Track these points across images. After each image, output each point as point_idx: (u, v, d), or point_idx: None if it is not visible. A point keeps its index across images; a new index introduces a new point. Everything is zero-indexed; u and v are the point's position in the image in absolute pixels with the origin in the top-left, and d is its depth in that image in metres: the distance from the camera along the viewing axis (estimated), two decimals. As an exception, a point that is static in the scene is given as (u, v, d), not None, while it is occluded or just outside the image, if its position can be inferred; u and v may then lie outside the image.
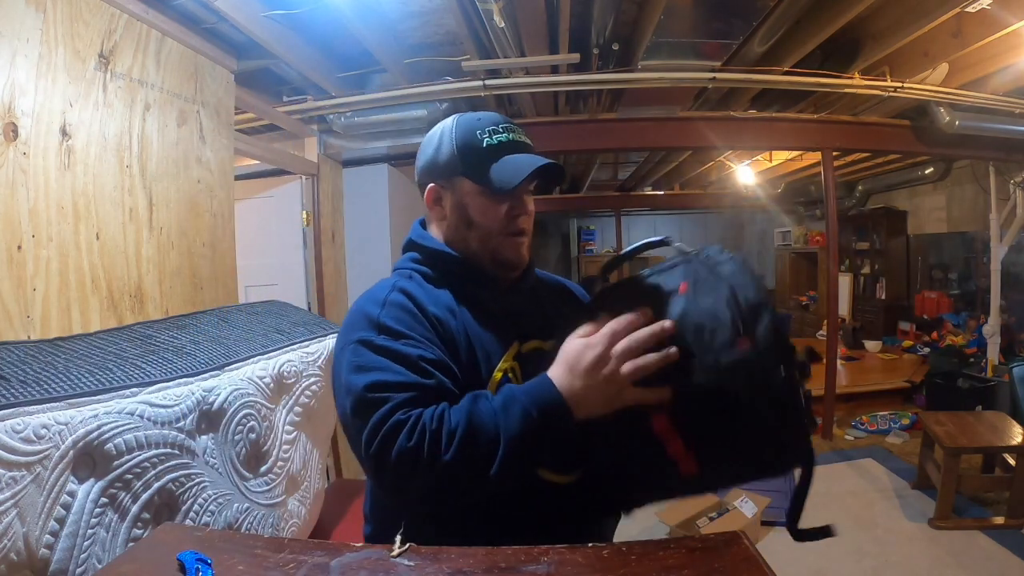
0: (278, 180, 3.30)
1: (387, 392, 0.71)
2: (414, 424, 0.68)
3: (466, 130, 0.87)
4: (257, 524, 1.22)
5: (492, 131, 0.86)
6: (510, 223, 0.87)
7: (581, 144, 3.87)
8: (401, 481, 0.68)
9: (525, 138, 0.89)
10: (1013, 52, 2.74)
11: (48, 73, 1.39)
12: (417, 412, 0.69)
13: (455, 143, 0.87)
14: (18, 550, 0.79)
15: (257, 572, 0.58)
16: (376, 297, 0.82)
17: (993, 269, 4.34)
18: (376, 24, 2.40)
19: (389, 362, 0.73)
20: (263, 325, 1.55)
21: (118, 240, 1.60)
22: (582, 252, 11.11)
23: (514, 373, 0.83)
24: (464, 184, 0.87)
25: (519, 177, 0.83)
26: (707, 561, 0.58)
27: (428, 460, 0.66)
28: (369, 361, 0.74)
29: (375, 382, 0.72)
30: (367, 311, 0.79)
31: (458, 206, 0.88)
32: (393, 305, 0.79)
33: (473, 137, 0.86)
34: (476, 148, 0.86)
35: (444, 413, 0.69)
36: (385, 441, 0.68)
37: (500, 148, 0.86)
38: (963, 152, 4.20)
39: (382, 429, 0.68)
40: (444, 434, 0.67)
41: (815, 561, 2.49)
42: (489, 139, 0.86)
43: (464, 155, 0.86)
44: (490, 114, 0.90)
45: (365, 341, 0.76)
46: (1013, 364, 3.30)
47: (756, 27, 2.46)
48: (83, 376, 0.98)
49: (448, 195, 0.89)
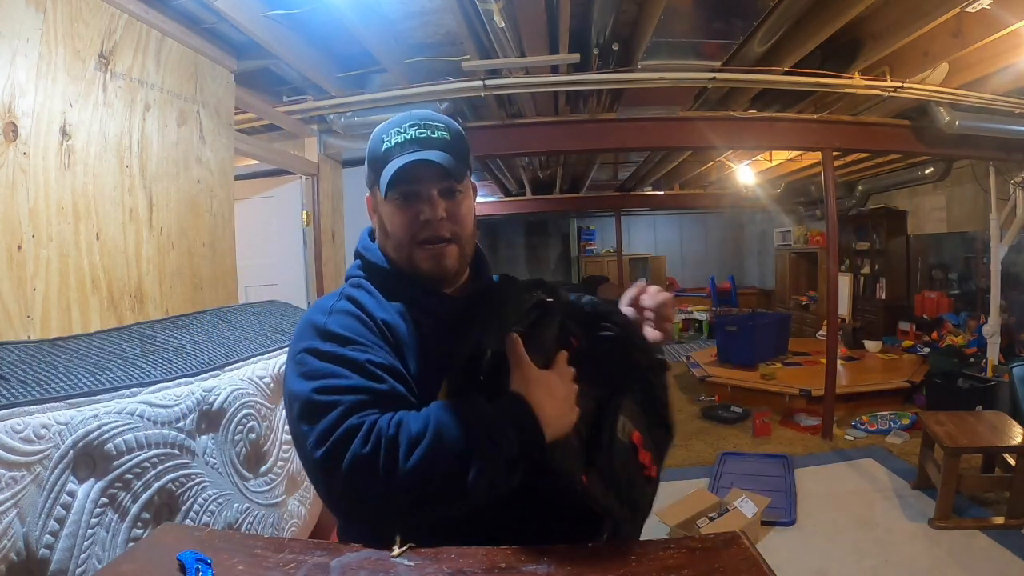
0: (278, 180, 3.31)
1: (336, 395, 0.67)
2: (369, 430, 0.63)
3: (376, 136, 0.83)
4: (257, 524, 1.22)
5: (395, 133, 0.80)
6: (421, 230, 0.80)
7: (581, 144, 3.87)
8: (353, 491, 0.63)
9: (439, 133, 0.80)
10: (1013, 52, 2.74)
11: (48, 73, 1.39)
12: (372, 417, 0.65)
13: (368, 150, 0.83)
14: (18, 550, 0.79)
15: (257, 572, 0.58)
16: (323, 306, 0.80)
17: (993, 269, 4.34)
18: (376, 24, 2.40)
19: (337, 367, 0.70)
20: (263, 325, 1.55)
21: (118, 240, 1.60)
22: (582, 252, 11.12)
23: None
24: (376, 192, 0.83)
25: (395, 171, 0.77)
26: (707, 561, 0.58)
27: (385, 468, 0.61)
28: (316, 368, 0.71)
29: (323, 386, 0.68)
30: (313, 320, 0.77)
31: (379, 215, 0.85)
32: (339, 312, 0.77)
33: (379, 141, 0.82)
34: (378, 153, 0.81)
35: (402, 420, 0.65)
36: (336, 447, 0.63)
37: (395, 150, 0.79)
38: (963, 152, 4.20)
39: (333, 435, 0.64)
40: (403, 442, 0.62)
41: (815, 561, 2.49)
42: (388, 142, 0.80)
43: (371, 162, 0.83)
44: (406, 114, 0.82)
45: (311, 349, 0.73)
46: (1013, 364, 3.31)
47: (756, 27, 2.46)
48: (83, 376, 0.98)
49: (372, 203, 0.87)
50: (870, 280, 6.86)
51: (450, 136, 0.82)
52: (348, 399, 0.66)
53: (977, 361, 4.50)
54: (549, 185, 7.07)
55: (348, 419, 0.65)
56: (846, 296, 6.69)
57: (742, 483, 3.15)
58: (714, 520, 2.64)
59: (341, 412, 0.65)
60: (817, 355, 5.31)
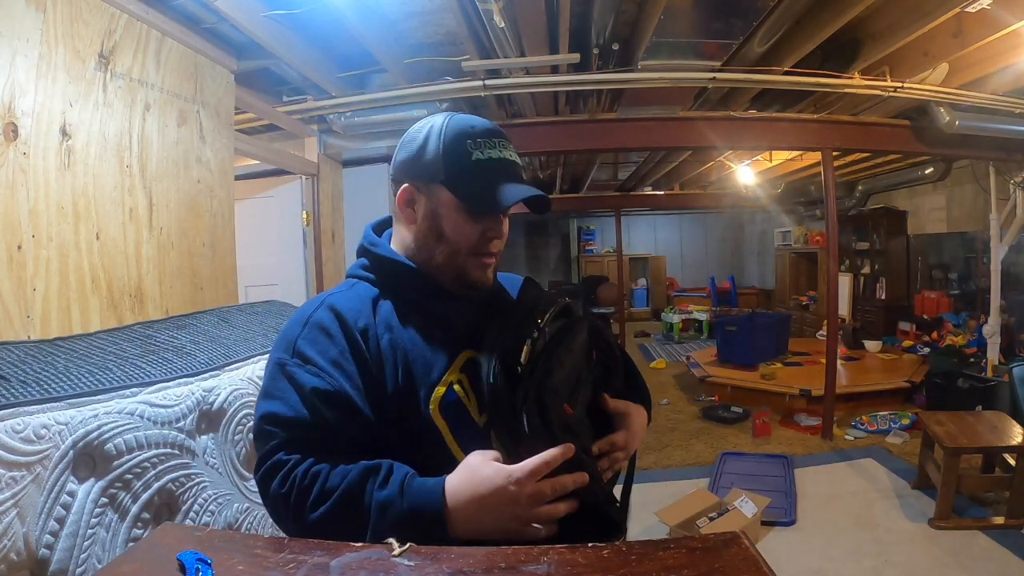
0: (278, 180, 3.31)
1: (276, 427, 0.73)
2: (288, 472, 0.70)
3: (457, 136, 0.79)
4: (257, 524, 1.22)
5: (485, 144, 0.79)
6: (482, 245, 0.82)
7: (581, 144, 3.87)
8: (276, 517, 0.73)
9: (515, 156, 0.83)
10: (1013, 52, 2.74)
11: (48, 73, 1.39)
12: (295, 459, 0.71)
13: (442, 147, 0.79)
14: (18, 550, 0.79)
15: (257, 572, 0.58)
16: (303, 315, 0.80)
17: (993, 269, 4.34)
18: (376, 24, 2.40)
19: (288, 391, 0.74)
20: (263, 325, 1.55)
21: (118, 240, 1.60)
22: (582, 252, 11.13)
23: (461, 386, 0.78)
24: (443, 193, 0.80)
25: (507, 202, 0.78)
26: (707, 561, 0.58)
27: (294, 513, 0.69)
28: (273, 388, 0.76)
29: (269, 413, 0.74)
30: (290, 330, 0.79)
31: (431, 215, 0.81)
32: (313, 326, 0.78)
33: (463, 146, 0.79)
34: (464, 159, 0.78)
35: (321, 473, 0.69)
36: (265, 478, 0.71)
37: (489, 165, 0.79)
38: (963, 152, 4.21)
39: (264, 465, 0.72)
40: (314, 494, 0.68)
41: (815, 561, 2.49)
42: (479, 153, 0.79)
43: (449, 163, 0.79)
44: (485, 123, 0.82)
45: (279, 363, 0.77)
46: (1013, 364, 3.30)
47: (756, 27, 2.46)
48: (83, 376, 0.98)
49: (423, 200, 0.82)
50: (870, 280, 6.86)
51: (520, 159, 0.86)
52: (283, 435, 0.72)
53: (977, 361, 4.50)
54: (549, 185, 7.08)
55: (277, 453, 0.72)
56: (846, 296, 6.69)
57: (742, 483, 3.15)
58: (714, 520, 2.64)
59: (274, 445, 0.72)
60: (817, 355, 5.32)
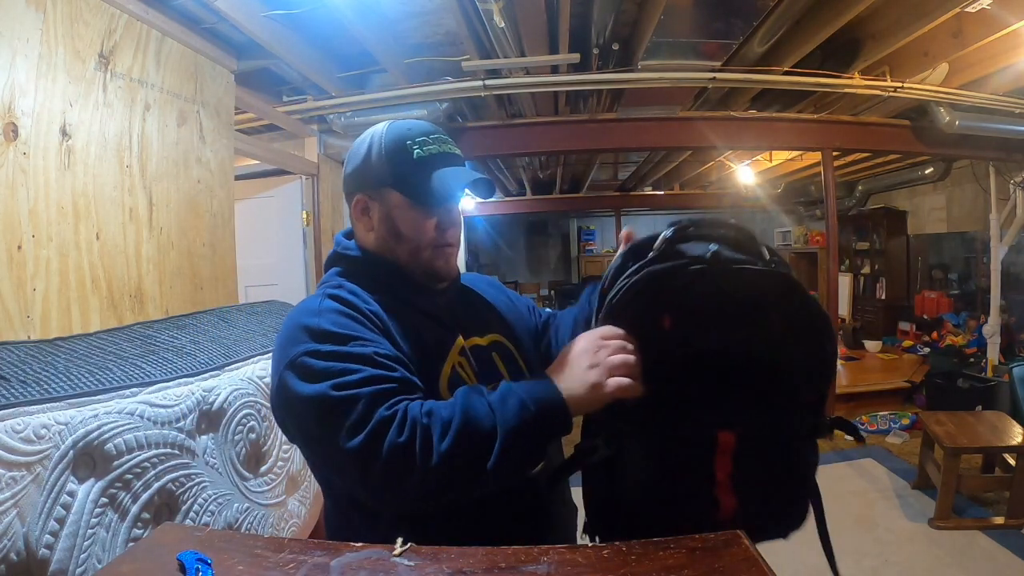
0: (278, 180, 3.31)
1: (355, 389, 0.67)
2: (403, 419, 0.65)
3: (397, 139, 0.84)
4: (257, 524, 1.22)
5: (424, 142, 0.84)
6: (440, 236, 0.86)
7: (581, 144, 3.87)
8: (392, 479, 0.65)
9: (455, 149, 0.87)
10: (1013, 52, 2.74)
11: (48, 73, 1.39)
12: (402, 406, 0.66)
13: (385, 152, 0.84)
14: (18, 550, 0.79)
15: (257, 572, 0.58)
16: (309, 308, 0.78)
17: (993, 269, 4.34)
18: (376, 24, 2.40)
19: (345, 364, 0.69)
20: (263, 325, 1.55)
21: (118, 240, 1.60)
22: (582, 252, 11.12)
23: (463, 367, 0.83)
24: (393, 196, 0.84)
25: (451, 192, 0.83)
26: (707, 561, 0.58)
27: (423, 455, 0.64)
28: (323, 369, 0.69)
29: (339, 383, 0.68)
30: (304, 323, 0.75)
31: (386, 218, 0.85)
32: (330, 311, 0.76)
33: (404, 147, 0.83)
34: (406, 159, 0.83)
35: (432, 407, 0.67)
36: (372, 438, 0.64)
37: (430, 160, 0.83)
38: (963, 152, 4.20)
39: (366, 427, 0.65)
40: (437, 428, 0.65)
41: (815, 561, 2.48)
42: (420, 150, 0.83)
43: (394, 165, 0.83)
44: (421, 123, 0.88)
45: (311, 352, 0.71)
46: (1013, 364, 3.30)
47: (756, 27, 2.46)
48: (83, 376, 0.98)
49: (376, 206, 0.86)
50: (870, 280, 6.86)
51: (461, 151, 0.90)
52: (368, 391, 0.67)
53: (977, 361, 4.50)
54: (549, 185, 7.08)
55: (376, 410, 0.66)
56: (846, 296, 6.69)
57: (742, 483, 3.14)
58: (714, 520, 2.64)
59: (366, 404, 0.66)
60: (817, 355, 5.30)
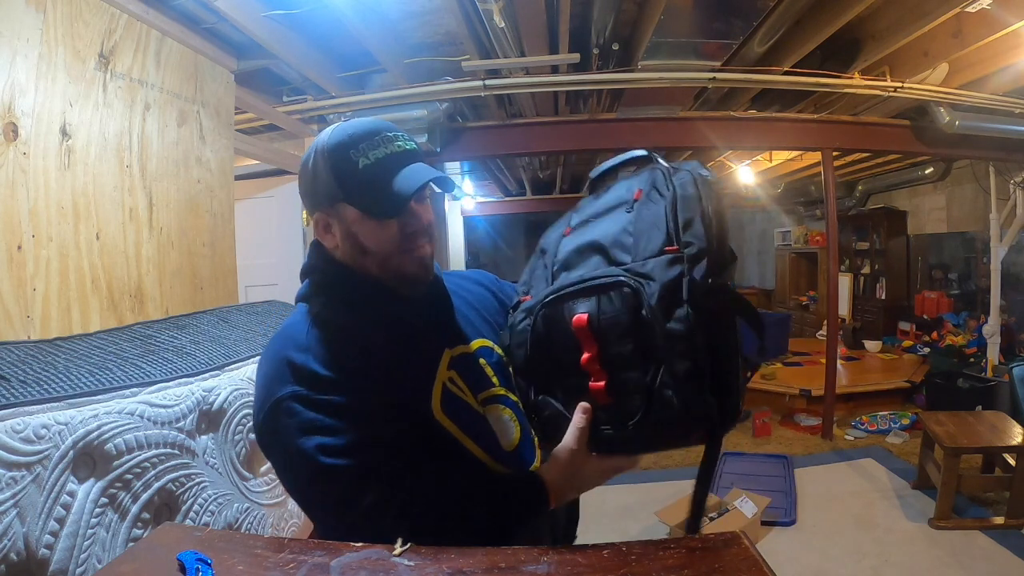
0: (278, 180, 3.31)
1: (343, 458, 0.67)
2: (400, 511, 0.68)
3: (338, 151, 0.78)
4: (257, 524, 1.22)
5: (366, 148, 0.77)
6: (407, 240, 0.80)
7: (581, 144, 3.87)
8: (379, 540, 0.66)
9: (406, 144, 0.81)
10: (1013, 52, 2.74)
11: (48, 73, 1.39)
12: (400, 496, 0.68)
13: (330, 167, 0.78)
14: (18, 550, 0.79)
15: (257, 572, 0.58)
16: (295, 339, 0.75)
17: (993, 269, 4.34)
18: (376, 24, 2.40)
19: (331, 421, 0.68)
20: (263, 325, 1.55)
21: (118, 240, 1.60)
22: (582, 252, 11.09)
23: (453, 382, 0.80)
24: (348, 211, 0.79)
25: (407, 194, 0.76)
26: (707, 561, 0.58)
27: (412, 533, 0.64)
28: (309, 420, 0.68)
29: (325, 445, 0.67)
30: (290, 359, 0.73)
31: (348, 234, 0.80)
32: (317, 344, 0.74)
33: (347, 158, 0.77)
34: (351, 171, 0.77)
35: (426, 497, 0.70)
36: (365, 520, 0.67)
37: (378, 166, 0.77)
38: (963, 152, 4.20)
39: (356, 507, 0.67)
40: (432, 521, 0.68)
41: (815, 561, 2.49)
42: (364, 158, 0.77)
43: (341, 181, 0.77)
44: (363, 126, 0.79)
45: (297, 397, 0.70)
46: (1013, 364, 3.31)
47: (756, 27, 2.46)
48: (83, 376, 0.98)
49: (335, 222, 0.81)
50: (870, 280, 6.86)
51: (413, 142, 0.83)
52: (355, 464, 0.68)
53: (977, 361, 4.50)
54: (549, 185, 7.07)
55: (366, 490, 0.67)
56: (846, 296, 6.69)
57: (742, 483, 3.15)
58: (714, 520, 2.64)
59: (358, 480, 0.68)
60: (817, 355, 5.31)
